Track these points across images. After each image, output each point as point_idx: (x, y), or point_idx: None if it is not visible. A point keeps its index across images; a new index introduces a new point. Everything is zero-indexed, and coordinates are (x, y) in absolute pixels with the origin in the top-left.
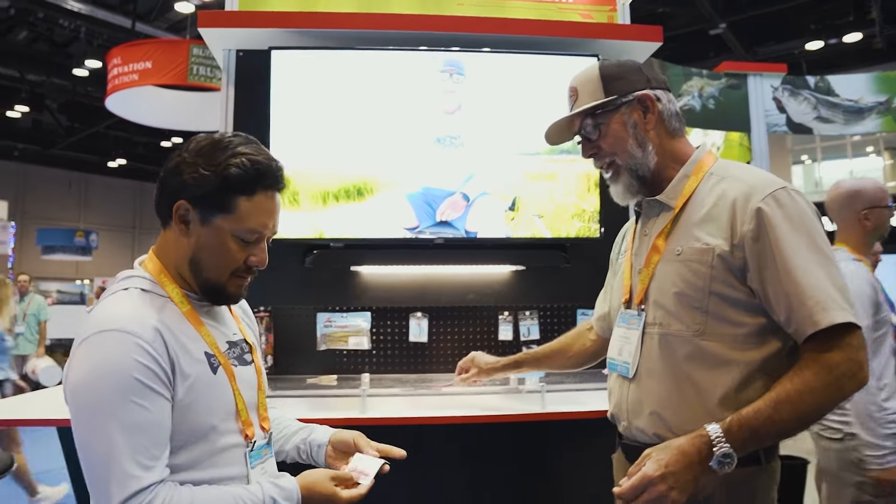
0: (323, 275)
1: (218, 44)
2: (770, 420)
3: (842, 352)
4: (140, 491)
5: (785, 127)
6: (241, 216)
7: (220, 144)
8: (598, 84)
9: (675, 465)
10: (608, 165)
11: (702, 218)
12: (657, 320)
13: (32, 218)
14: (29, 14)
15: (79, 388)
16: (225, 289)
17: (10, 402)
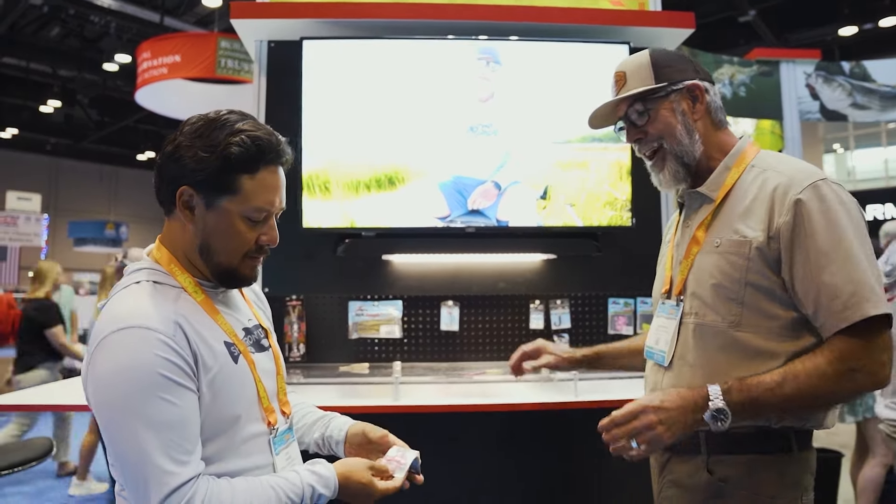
0: (355, 264)
1: (250, 35)
2: (771, 392)
3: (863, 347)
4: (179, 487)
5: (818, 114)
6: (247, 196)
7: (215, 123)
8: (649, 70)
9: (670, 404)
10: (654, 152)
11: (742, 210)
12: (693, 310)
13: (64, 210)
14: (61, 11)
15: (104, 388)
16: (238, 272)
17: (51, 388)
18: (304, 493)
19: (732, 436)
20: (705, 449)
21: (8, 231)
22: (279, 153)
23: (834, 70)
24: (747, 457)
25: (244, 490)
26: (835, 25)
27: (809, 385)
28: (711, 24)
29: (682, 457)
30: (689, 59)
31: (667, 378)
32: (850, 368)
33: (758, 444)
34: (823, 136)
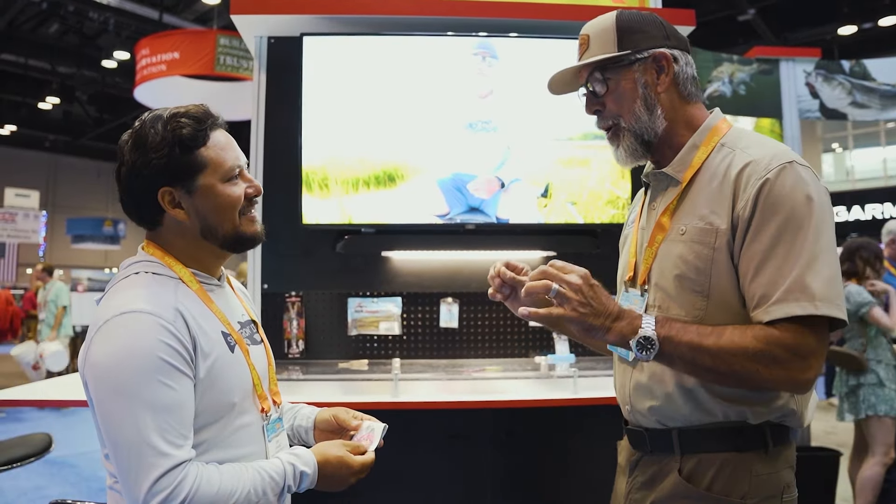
0: (354, 260)
1: (250, 31)
2: (690, 338)
3: (793, 338)
4: (171, 469)
5: (818, 113)
6: (214, 164)
7: (145, 127)
8: (612, 35)
9: (599, 297)
10: (610, 127)
11: (709, 195)
12: (657, 302)
13: (62, 207)
14: (60, 7)
15: (103, 371)
16: (243, 232)
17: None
18: (286, 471)
19: (707, 433)
20: (678, 448)
21: (6, 228)
22: (214, 116)
23: (834, 69)
24: (721, 455)
25: (231, 473)
26: (834, 24)
27: (728, 350)
28: (711, 22)
29: (654, 456)
30: (661, 23)
31: (634, 374)
32: (772, 355)
33: (732, 441)
34: (822, 135)
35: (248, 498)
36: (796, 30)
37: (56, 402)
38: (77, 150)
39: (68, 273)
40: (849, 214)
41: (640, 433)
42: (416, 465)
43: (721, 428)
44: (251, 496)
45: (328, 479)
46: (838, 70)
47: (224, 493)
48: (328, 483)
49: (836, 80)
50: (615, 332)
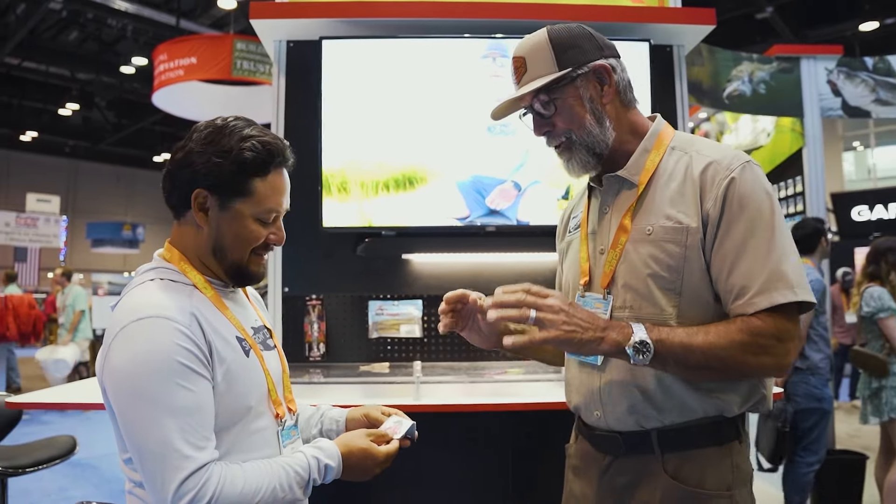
0: (374, 263)
1: (269, 35)
2: (681, 340)
3: (774, 329)
4: (196, 471)
5: (840, 111)
6: (259, 198)
7: (224, 130)
8: (549, 55)
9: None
10: (561, 143)
11: (671, 195)
12: (627, 304)
13: (82, 212)
14: (79, 15)
15: (122, 376)
16: (248, 268)
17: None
18: (311, 464)
19: (686, 430)
20: (658, 448)
21: (28, 232)
22: (286, 156)
23: (857, 66)
24: (704, 451)
25: (255, 470)
26: (855, 21)
27: (718, 345)
28: (728, 20)
29: (630, 457)
30: (591, 34)
31: (605, 378)
32: (758, 344)
33: (713, 435)
34: (843, 133)
35: (273, 494)
36: (815, 27)
37: (79, 406)
38: (96, 155)
39: (88, 277)
40: (871, 213)
41: (612, 437)
42: (437, 467)
43: (700, 424)
44: (277, 492)
45: (353, 469)
46: (861, 67)
47: (249, 490)
48: (353, 473)
49: (858, 78)
50: (608, 342)
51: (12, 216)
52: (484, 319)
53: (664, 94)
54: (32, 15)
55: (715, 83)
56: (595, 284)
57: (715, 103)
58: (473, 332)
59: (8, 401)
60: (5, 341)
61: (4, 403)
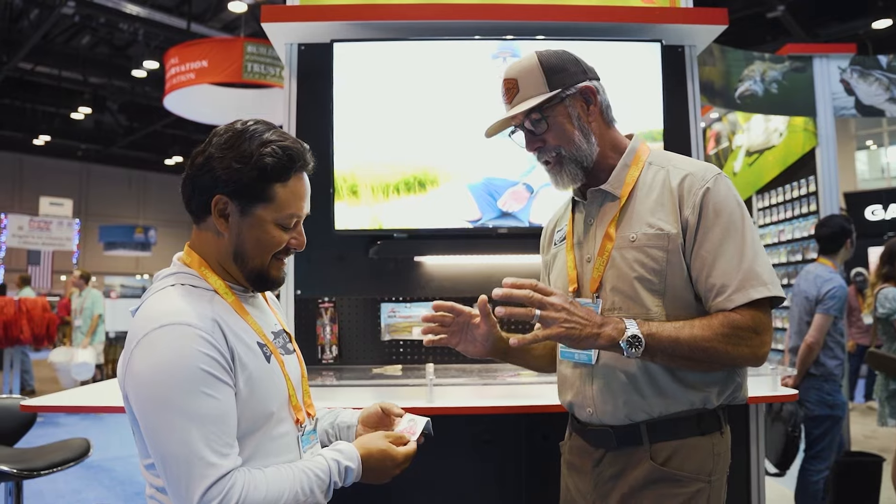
0: (387, 265)
1: (280, 38)
2: (668, 334)
3: (750, 319)
4: (221, 478)
5: (853, 110)
6: (280, 204)
7: (245, 134)
8: (540, 77)
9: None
10: (552, 158)
11: (651, 205)
12: (616, 306)
13: (94, 215)
14: (91, 20)
15: (146, 384)
16: (269, 274)
17: (88, 390)
18: (331, 467)
19: (672, 422)
20: (647, 438)
21: (41, 236)
22: (307, 160)
23: (870, 64)
24: (688, 440)
25: (277, 475)
26: (868, 19)
27: (702, 337)
28: (739, 20)
29: (621, 450)
30: (577, 58)
31: (597, 376)
32: (737, 336)
33: (696, 425)
34: (856, 132)
35: (295, 498)
36: (828, 26)
37: (93, 409)
38: (108, 158)
39: (101, 279)
40: (885, 213)
41: (604, 431)
42: (450, 469)
43: (687, 416)
44: (299, 496)
45: (372, 471)
46: (874, 65)
47: (272, 496)
48: (372, 475)
49: (872, 76)
50: (605, 337)
51: (26, 219)
52: (479, 328)
53: (676, 94)
54: (45, 20)
55: (727, 83)
56: (584, 290)
57: (727, 103)
58: (468, 344)
59: (23, 403)
60: (19, 344)
61: (19, 406)
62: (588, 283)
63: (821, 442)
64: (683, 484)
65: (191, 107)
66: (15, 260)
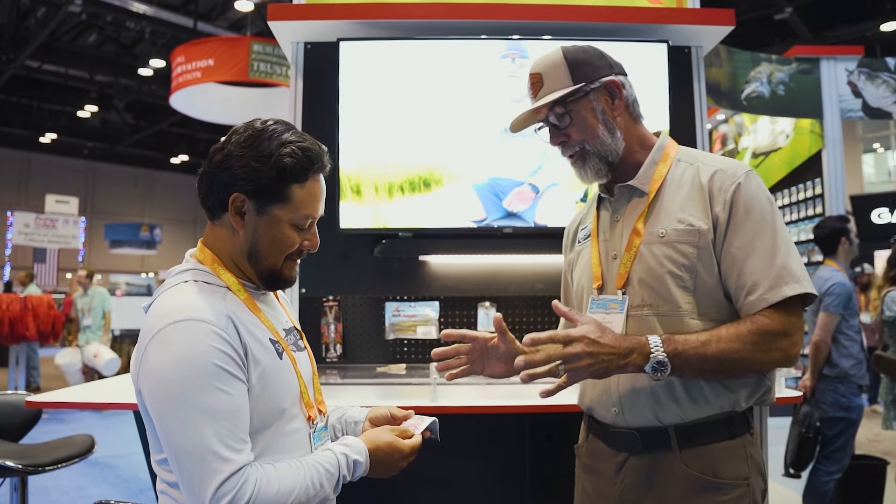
0: (391, 264)
1: (286, 37)
2: (695, 350)
3: (781, 324)
4: (233, 474)
5: (861, 112)
6: (297, 204)
7: (264, 134)
8: (565, 71)
9: (607, 341)
10: (576, 153)
11: (681, 201)
12: (645, 302)
13: (100, 213)
14: (98, 18)
15: (160, 379)
16: (282, 273)
17: (93, 386)
18: (340, 461)
19: (703, 426)
20: (676, 443)
21: (47, 233)
22: (324, 163)
23: (878, 66)
24: (717, 445)
25: (288, 470)
26: (876, 21)
27: (730, 349)
28: (746, 21)
29: (649, 454)
30: (602, 53)
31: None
32: (767, 342)
33: (726, 429)
34: (863, 135)
35: (306, 492)
36: (835, 27)
37: (98, 405)
38: (115, 156)
39: (107, 277)
40: (891, 216)
41: (629, 434)
42: (454, 469)
43: (716, 419)
44: (309, 490)
45: (379, 465)
46: (883, 68)
47: (284, 491)
48: (380, 469)
49: (880, 79)
50: (632, 366)
51: (32, 217)
52: (499, 348)
53: (682, 95)
54: (52, 18)
55: (733, 84)
56: (609, 287)
57: (733, 105)
58: (492, 367)
59: (28, 400)
60: (24, 341)
61: (24, 402)
62: (614, 280)
63: (834, 443)
64: (725, 491)
65: (197, 105)
66: (21, 257)
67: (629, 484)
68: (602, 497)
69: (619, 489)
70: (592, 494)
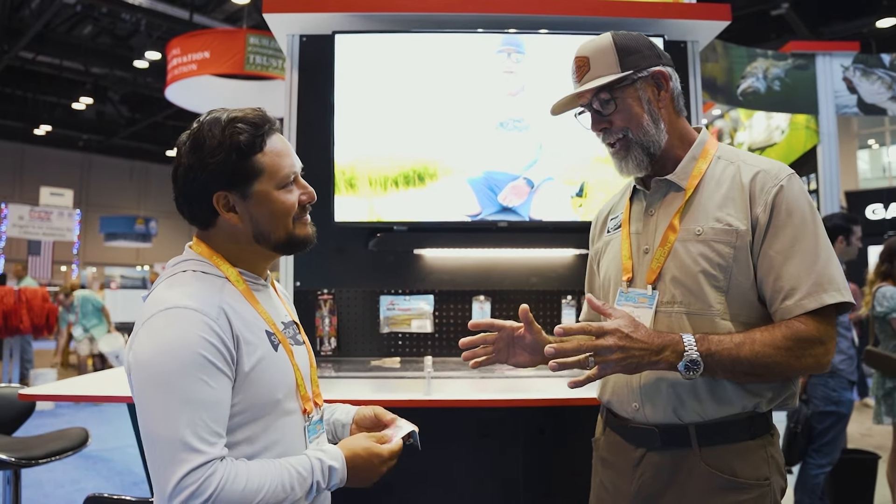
0: (386, 258)
1: (282, 29)
2: (729, 352)
3: (816, 331)
4: (200, 466)
5: (856, 108)
6: (271, 169)
7: (202, 132)
8: (613, 56)
9: (640, 337)
10: (618, 141)
11: (720, 200)
12: (676, 299)
13: (95, 206)
14: (93, 9)
15: (145, 364)
16: (296, 235)
17: (87, 379)
18: (314, 465)
19: (724, 425)
20: (696, 442)
21: (42, 226)
22: (272, 121)
23: (873, 63)
24: (737, 444)
25: (259, 469)
26: (872, 17)
27: (763, 353)
28: (742, 17)
29: (668, 450)
30: (652, 42)
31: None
32: (801, 348)
33: (747, 429)
34: (858, 131)
35: (274, 494)
36: (831, 24)
37: (91, 398)
38: (110, 149)
39: (101, 270)
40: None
41: (649, 430)
42: (448, 463)
43: (737, 419)
44: (278, 492)
45: (358, 471)
46: (878, 64)
47: (251, 489)
48: (359, 476)
49: (875, 75)
50: (664, 363)
51: (26, 209)
52: (525, 338)
53: None
54: (47, 9)
55: (729, 80)
56: (639, 280)
57: (729, 100)
58: (517, 357)
59: (21, 392)
60: (18, 334)
61: (17, 395)
62: (645, 274)
63: (823, 437)
64: (745, 490)
65: (192, 98)
66: (15, 250)
67: (647, 480)
68: (619, 492)
69: (637, 485)
70: (610, 489)
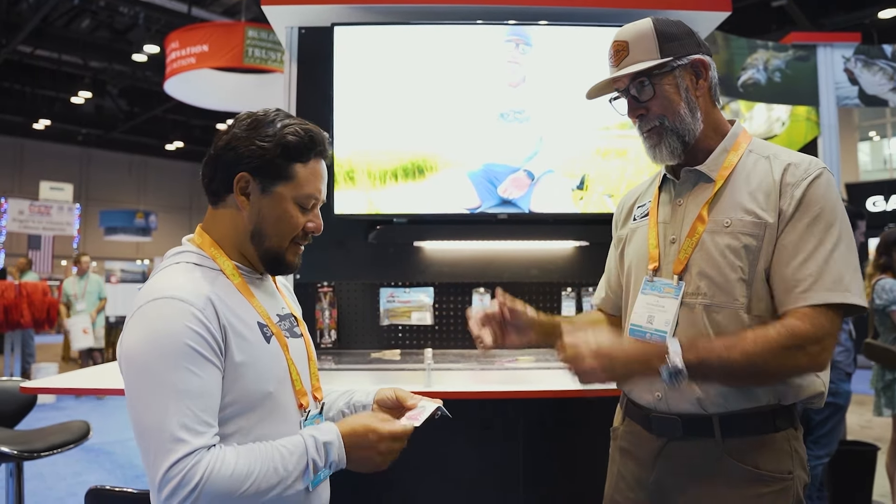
0: (386, 250)
1: (280, 21)
2: (719, 357)
3: (813, 328)
4: (187, 455)
5: (857, 100)
6: (300, 182)
7: (266, 119)
8: (653, 42)
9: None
10: (654, 128)
11: (750, 192)
12: (701, 291)
13: (95, 200)
14: (91, 3)
15: (132, 354)
16: (285, 257)
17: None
18: (307, 443)
19: (748, 416)
20: (720, 433)
21: (42, 220)
22: (326, 146)
23: (875, 54)
24: (762, 437)
25: (248, 454)
26: (873, 8)
27: (755, 354)
28: (744, 8)
29: (689, 441)
30: (691, 30)
31: None
32: (795, 345)
33: (771, 422)
34: (859, 122)
35: (266, 477)
36: (832, 15)
37: (92, 391)
38: (109, 143)
39: (102, 264)
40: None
41: (671, 420)
42: (448, 454)
43: (760, 411)
44: (270, 476)
45: (357, 449)
46: (879, 55)
47: (239, 474)
48: (359, 455)
49: (876, 66)
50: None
51: (26, 204)
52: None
53: None
54: (45, 3)
55: (729, 71)
56: (664, 270)
57: (729, 91)
58: (512, 337)
59: (22, 386)
60: (19, 328)
61: (19, 388)
62: (672, 264)
63: (821, 428)
64: (768, 483)
65: (191, 91)
66: (16, 244)
67: (668, 470)
68: (638, 482)
69: (657, 475)
70: (628, 478)
